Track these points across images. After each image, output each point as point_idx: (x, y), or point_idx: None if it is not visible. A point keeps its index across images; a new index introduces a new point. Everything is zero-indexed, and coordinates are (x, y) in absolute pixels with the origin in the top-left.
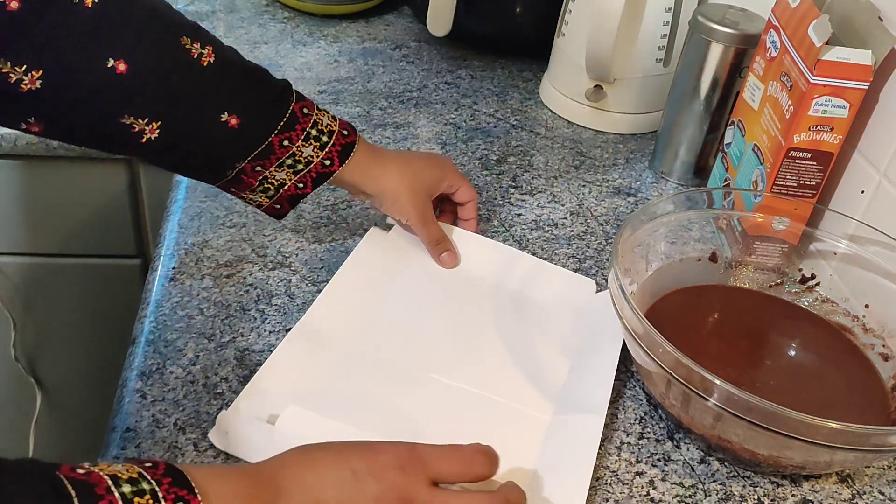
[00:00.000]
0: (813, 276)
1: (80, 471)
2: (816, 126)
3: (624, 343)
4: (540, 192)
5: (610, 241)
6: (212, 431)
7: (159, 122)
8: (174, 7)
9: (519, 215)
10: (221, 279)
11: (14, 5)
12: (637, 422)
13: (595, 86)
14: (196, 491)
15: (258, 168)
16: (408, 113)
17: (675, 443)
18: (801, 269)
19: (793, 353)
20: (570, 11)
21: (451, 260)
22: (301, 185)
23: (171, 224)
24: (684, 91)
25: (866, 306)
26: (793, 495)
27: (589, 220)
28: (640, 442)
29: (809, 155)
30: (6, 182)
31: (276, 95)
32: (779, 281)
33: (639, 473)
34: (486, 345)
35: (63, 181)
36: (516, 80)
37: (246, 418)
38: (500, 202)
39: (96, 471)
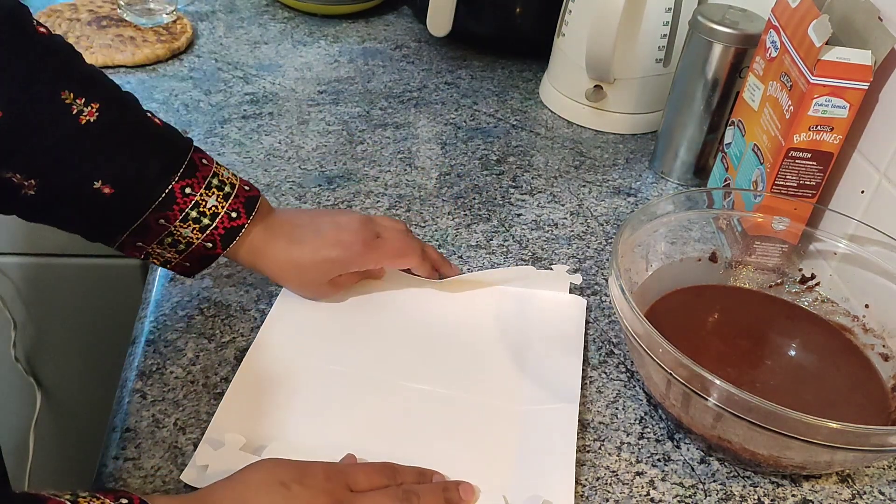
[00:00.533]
0: (813, 276)
1: None
2: (816, 126)
3: (623, 342)
4: (540, 192)
5: (610, 241)
6: (186, 471)
7: (37, 180)
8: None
9: (519, 215)
10: (221, 279)
11: None
12: (637, 422)
13: (595, 86)
14: None
15: (139, 244)
16: (408, 113)
17: (675, 443)
18: (801, 269)
19: (793, 353)
20: (570, 11)
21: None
22: (187, 264)
23: None
24: (684, 91)
25: (866, 306)
26: (793, 495)
27: (589, 220)
28: (640, 442)
29: (809, 155)
30: None
31: (159, 169)
32: (779, 281)
33: (639, 473)
34: (447, 346)
35: None
36: (516, 80)
37: (230, 451)
38: (500, 202)
39: None
